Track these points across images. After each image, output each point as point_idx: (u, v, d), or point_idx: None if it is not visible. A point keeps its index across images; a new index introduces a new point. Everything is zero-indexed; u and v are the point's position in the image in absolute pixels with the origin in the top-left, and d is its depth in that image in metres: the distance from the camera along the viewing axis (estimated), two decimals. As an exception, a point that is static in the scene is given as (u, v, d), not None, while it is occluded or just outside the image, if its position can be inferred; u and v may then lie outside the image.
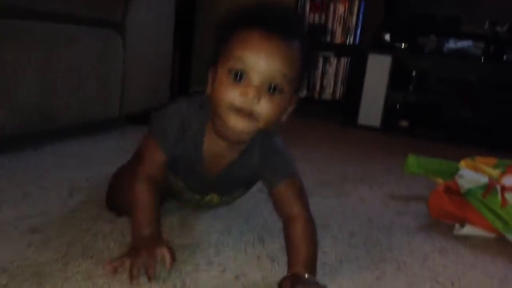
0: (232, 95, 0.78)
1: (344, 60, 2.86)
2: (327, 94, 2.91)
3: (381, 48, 2.70)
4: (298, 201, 0.88)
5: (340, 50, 2.85)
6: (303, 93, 2.81)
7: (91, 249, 0.87)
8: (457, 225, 1.18)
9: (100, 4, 1.69)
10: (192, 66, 3.30)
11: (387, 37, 2.71)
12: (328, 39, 2.85)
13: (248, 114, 0.78)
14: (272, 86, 0.78)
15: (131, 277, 0.76)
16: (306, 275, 0.80)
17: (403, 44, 2.71)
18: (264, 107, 0.78)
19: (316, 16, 2.84)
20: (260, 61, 0.76)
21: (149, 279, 0.76)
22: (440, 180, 1.39)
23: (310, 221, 0.87)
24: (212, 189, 1.01)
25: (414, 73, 2.80)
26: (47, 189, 1.15)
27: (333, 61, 2.86)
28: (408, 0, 2.82)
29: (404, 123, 2.80)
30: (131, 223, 0.85)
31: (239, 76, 0.77)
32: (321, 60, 2.85)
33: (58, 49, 1.44)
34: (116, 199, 1.04)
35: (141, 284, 0.76)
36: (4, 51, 1.27)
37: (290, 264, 0.83)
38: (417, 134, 2.69)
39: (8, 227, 0.92)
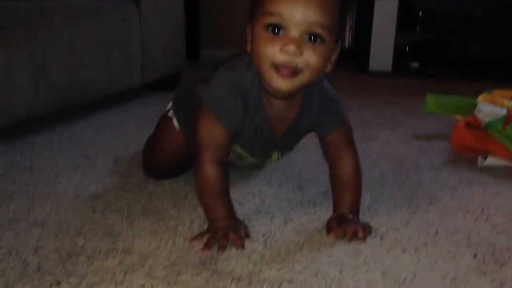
0: (273, 51, 0.75)
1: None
2: (338, 43, 2.93)
3: (387, -9, 2.71)
4: (349, 146, 0.92)
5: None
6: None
7: (149, 208, 0.95)
8: (480, 158, 1.25)
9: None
10: (199, 28, 3.31)
11: (393, -21, 2.70)
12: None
13: (291, 71, 0.76)
14: (313, 37, 0.75)
15: (207, 247, 0.78)
16: (350, 216, 0.88)
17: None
18: (308, 58, 0.75)
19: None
20: (297, 12, 0.73)
21: (242, 247, 0.79)
22: (459, 117, 1.46)
23: (358, 166, 0.93)
24: (276, 148, 1.00)
25: (420, 13, 2.81)
26: (94, 159, 1.23)
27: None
28: None
29: (415, 65, 2.83)
30: (205, 208, 0.85)
31: (277, 30, 0.75)
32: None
33: (83, 25, 1.50)
34: (153, 167, 1.10)
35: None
36: (38, 30, 1.33)
37: (336, 206, 0.90)
38: (429, 74, 2.72)
39: (70, 196, 1.00)
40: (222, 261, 0.76)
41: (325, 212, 0.94)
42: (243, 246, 0.80)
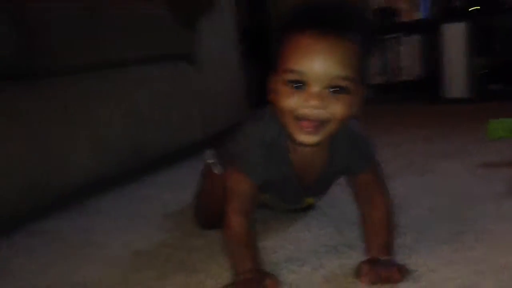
0: (296, 104, 0.75)
1: (416, 37, 2.79)
2: (407, 75, 2.85)
3: (453, 16, 2.60)
4: (380, 186, 0.90)
5: (411, 28, 2.79)
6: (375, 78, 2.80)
7: (184, 263, 0.97)
8: (548, 184, 1.13)
9: (170, 41, 1.83)
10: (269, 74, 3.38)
11: (458, 3, 2.60)
12: (396, 19, 2.80)
13: (316, 124, 0.76)
14: (336, 89, 0.75)
15: None
16: (385, 257, 0.83)
17: (475, 6, 2.58)
18: (333, 110, 0.75)
19: (381, -1, 2.81)
20: (318, 68, 0.73)
21: None
22: (528, 140, 1.34)
23: (390, 206, 0.89)
24: (307, 194, 1.00)
25: (496, 33, 2.65)
26: (146, 215, 1.29)
27: (405, 40, 2.80)
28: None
29: (496, 87, 2.65)
30: (232, 260, 0.84)
31: (299, 85, 0.75)
32: (392, 42, 2.81)
33: (140, 90, 1.61)
34: (201, 216, 1.14)
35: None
36: (95, 103, 1.45)
37: (369, 249, 0.86)
38: (512, 96, 2.53)
39: (115, 254, 1.06)
40: (242, 313, 0.76)
41: (360, 255, 0.89)
42: None
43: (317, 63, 0.73)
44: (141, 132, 1.60)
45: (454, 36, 2.56)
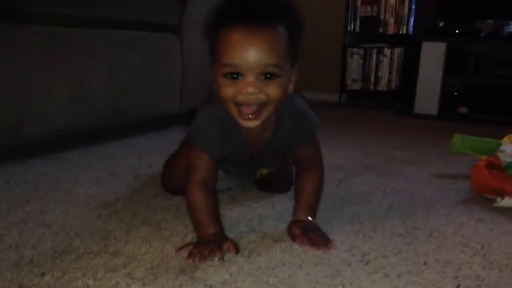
0: (234, 92, 0.84)
1: (398, 50, 2.88)
2: (383, 85, 2.94)
3: (435, 35, 2.70)
4: (316, 158, 1.02)
5: (394, 40, 2.88)
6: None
7: (150, 219, 1.00)
8: (498, 198, 1.20)
9: (159, 10, 1.84)
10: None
11: (441, 24, 2.70)
12: (381, 30, 2.88)
13: (255, 109, 0.85)
14: (268, 75, 0.83)
15: (190, 256, 0.83)
16: (311, 220, 0.95)
17: (457, 30, 2.68)
18: (268, 92, 0.84)
19: (368, 8, 2.88)
20: (250, 60, 0.81)
21: (221, 256, 0.83)
22: (485, 157, 1.42)
23: (322, 176, 1.01)
24: (260, 166, 1.11)
25: (471, 58, 2.76)
26: (116, 174, 1.31)
27: (387, 51, 2.89)
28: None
29: (463, 109, 2.76)
30: (195, 227, 0.91)
31: (235, 76, 0.83)
32: (375, 52, 2.89)
33: (125, 53, 1.62)
34: (168, 181, 1.18)
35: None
36: (80, 57, 1.46)
37: (297, 209, 0.98)
38: (477, 120, 2.65)
39: (81, 204, 1.08)
40: (201, 270, 0.80)
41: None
42: (222, 256, 0.83)
43: (248, 56, 0.82)
44: (121, 94, 1.62)
45: (433, 54, 2.65)
